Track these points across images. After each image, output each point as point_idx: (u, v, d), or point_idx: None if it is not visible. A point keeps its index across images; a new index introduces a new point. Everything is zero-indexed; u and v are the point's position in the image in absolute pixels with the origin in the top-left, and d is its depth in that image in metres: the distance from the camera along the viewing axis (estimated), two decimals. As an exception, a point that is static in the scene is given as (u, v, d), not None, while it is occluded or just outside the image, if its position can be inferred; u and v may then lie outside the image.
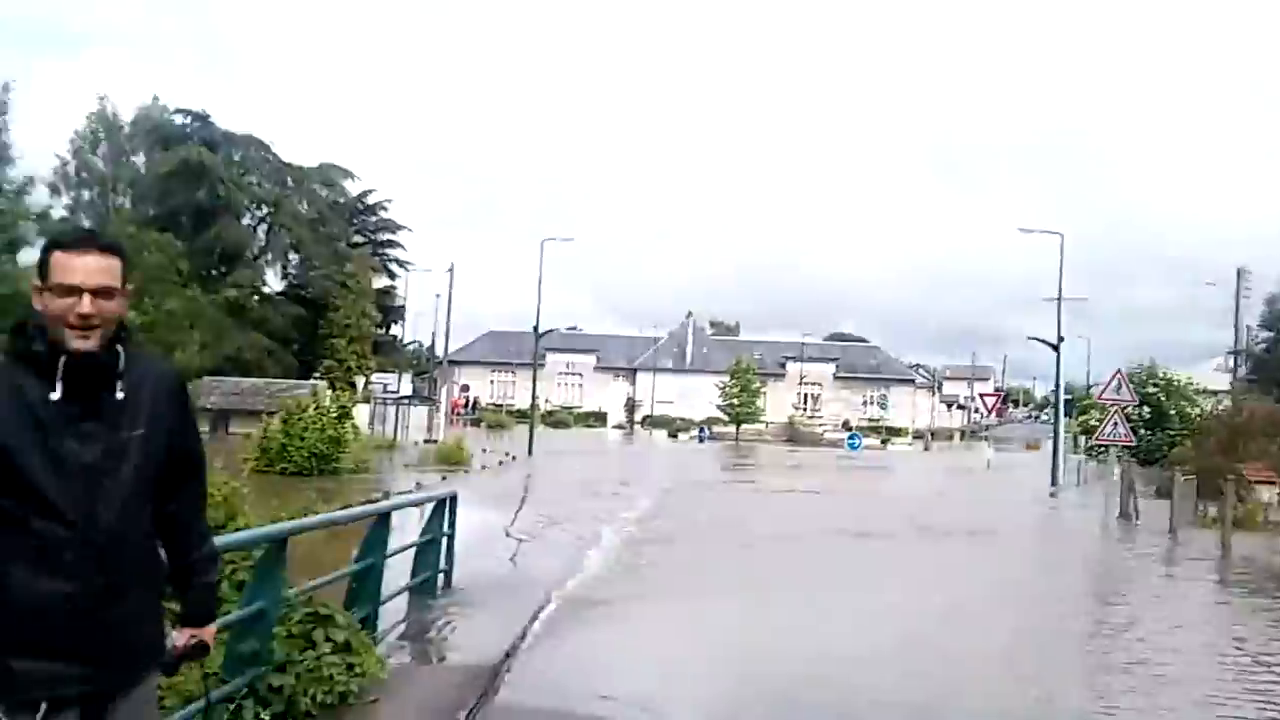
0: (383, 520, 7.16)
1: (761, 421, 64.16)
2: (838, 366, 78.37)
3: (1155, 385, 35.19)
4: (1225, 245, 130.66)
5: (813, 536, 15.55)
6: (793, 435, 61.22)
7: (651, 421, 70.57)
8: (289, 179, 49.17)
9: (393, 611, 8.00)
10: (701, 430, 58.54)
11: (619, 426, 71.90)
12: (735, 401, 57.81)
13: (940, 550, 14.95)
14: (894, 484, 28.56)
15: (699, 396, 70.98)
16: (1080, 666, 8.06)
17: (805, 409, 73.03)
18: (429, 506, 9.23)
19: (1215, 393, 40.18)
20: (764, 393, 69.62)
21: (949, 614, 9.75)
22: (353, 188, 52.50)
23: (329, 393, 28.73)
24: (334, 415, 23.25)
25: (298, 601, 5.49)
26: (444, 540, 9.06)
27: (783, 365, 77.18)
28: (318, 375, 42.26)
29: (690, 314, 78.82)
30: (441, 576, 9.15)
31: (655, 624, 9.12)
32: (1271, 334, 39.45)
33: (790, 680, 7.08)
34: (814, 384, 76.96)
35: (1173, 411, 34.55)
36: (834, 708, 6.55)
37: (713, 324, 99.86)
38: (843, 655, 7.89)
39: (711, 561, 12.76)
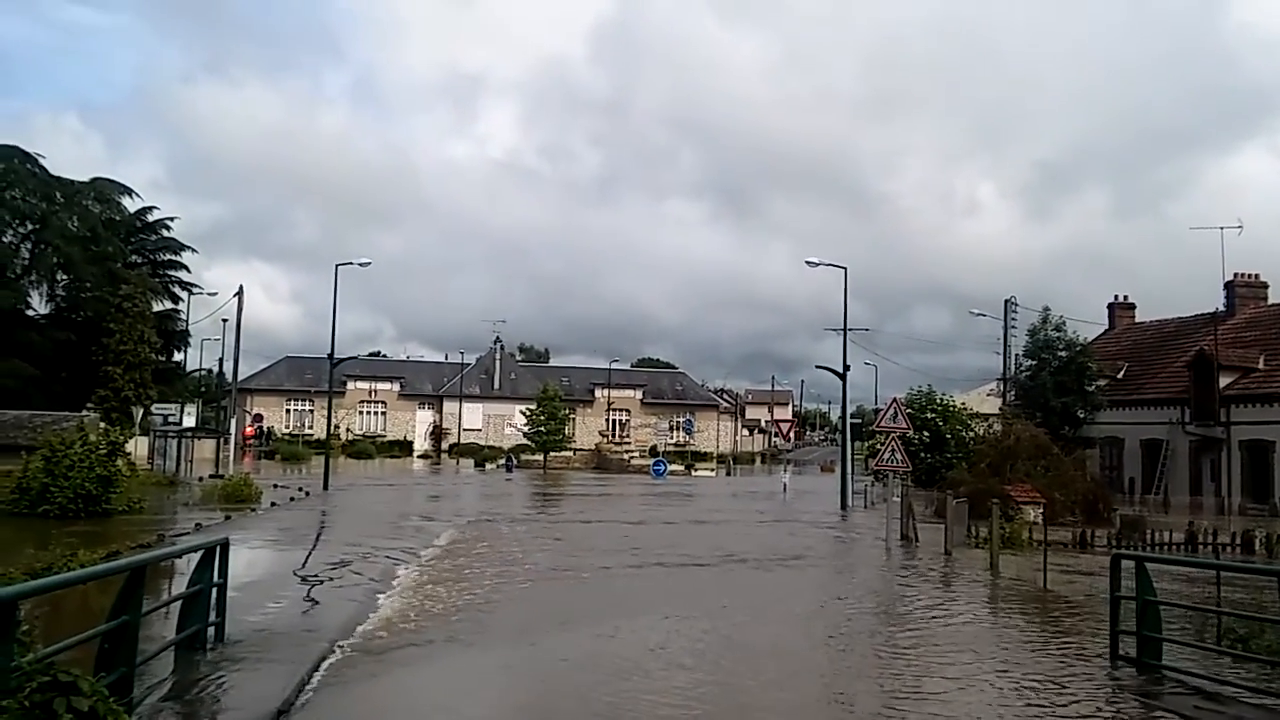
0: (137, 574, 6.58)
1: (570, 449, 64.18)
2: (645, 392, 79.75)
3: (933, 411, 37.65)
4: (998, 276, 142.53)
5: (616, 569, 15.62)
6: (600, 462, 61.53)
7: (458, 450, 69.30)
8: (58, 194, 45.21)
9: (159, 670, 7.52)
10: (508, 459, 57.93)
11: (424, 456, 70.24)
12: (543, 429, 57.42)
13: (739, 579, 15.31)
14: (695, 512, 29.04)
15: (507, 424, 70.42)
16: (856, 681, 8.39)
17: (613, 435, 73.68)
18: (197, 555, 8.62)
19: (987, 417, 43.40)
20: (572, 419, 69.83)
21: (750, 646, 10.01)
22: (131, 205, 48.85)
23: (100, 425, 26.55)
24: (104, 452, 21.35)
25: (33, 669, 4.97)
26: (213, 591, 8.47)
27: (591, 391, 77.81)
28: (90, 406, 39.02)
29: (498, 339, 78.02)
30: (213, 630, 8.57)
31: (448, 671, 8.83)
32: (1033, 362, 42.76)
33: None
34: (622, 410, 77.95)
35: (949, 436, 37.04)
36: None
37: (521, 349, 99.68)
38: (634, 693, 7.88)
39: (510, 601, 12.52)
